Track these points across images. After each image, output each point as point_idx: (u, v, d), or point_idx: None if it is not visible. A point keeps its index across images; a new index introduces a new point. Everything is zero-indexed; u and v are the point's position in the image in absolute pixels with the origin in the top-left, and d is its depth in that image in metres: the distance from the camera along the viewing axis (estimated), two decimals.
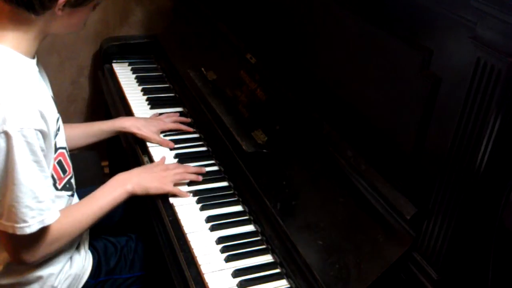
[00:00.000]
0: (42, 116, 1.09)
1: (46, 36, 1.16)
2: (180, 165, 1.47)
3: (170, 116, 1.72)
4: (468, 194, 0.90)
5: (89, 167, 1.81)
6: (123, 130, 1.60)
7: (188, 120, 1.73)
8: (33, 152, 1.06)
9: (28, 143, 1.04)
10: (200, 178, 1.44)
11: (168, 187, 1.38)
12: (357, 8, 1.21)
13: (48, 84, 1.28)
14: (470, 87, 0.85)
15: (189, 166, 1.47)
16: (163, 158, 1.51)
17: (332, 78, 1.35)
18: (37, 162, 1.07)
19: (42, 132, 1.08)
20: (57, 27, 1.15)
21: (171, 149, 1.57)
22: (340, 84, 1.32)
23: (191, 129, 1.69)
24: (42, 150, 1.08)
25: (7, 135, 1.02)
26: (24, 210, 1.07)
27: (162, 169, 1.42)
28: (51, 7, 1.08)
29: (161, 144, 1.59)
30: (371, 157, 1.16)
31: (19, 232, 1.09)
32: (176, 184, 1.40)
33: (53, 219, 1.13)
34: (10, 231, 1.09)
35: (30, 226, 1.09)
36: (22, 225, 1.08)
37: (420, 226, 1.00)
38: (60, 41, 2.11)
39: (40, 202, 1.09)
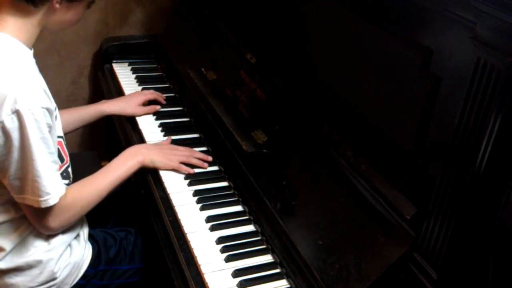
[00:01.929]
0: (46, 94, 1.17)
1: (43, 29, 1.22)
2: (188, 148, 1.53)
3: (147, 92, 1.79)
4: (468, 194, 0.90)
5: (89, 167, 1.80)
6: (106, 114, 1.68)
7: (163, 96, 1.81)
8: (40, 130, 1.12)
9: (36, 120, 1.11)
10: (206, 165, 1.49)
11: (174, 164, 1.45)
12: (357, 8, 1.21)
13: None
14: (470, 87, 0.85)
15: (196, 151, 1.52)
16: (169, 139, 1.59)
17: (332, 78, 1.35)
18: (43, 138, 1.13)
19: (48, 110, 1.14)
20: (54, 22, 1.21)
21: None
22: (340, 84, 1.31)
23: (163, 101, 1.78)
24: (49, 127, 1.15)
25: (19, 113, 1.09)
26: (45, 183, 1.14)
27: (170, 148, 1.51)
28: None
29: (148, 112, 1.72)
30: (371, 157, 1.16)
31: (43, 206, 1.16)
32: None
33: (64, 188, 1.21)
34: (36, 205, 1.16)
35: (53, 198, 1.17)
36: (46, 197, 1.16)
37: (420, 226, 1.00)
38: (60, 41, 2.11)
39: (55, 173, 1.17)
